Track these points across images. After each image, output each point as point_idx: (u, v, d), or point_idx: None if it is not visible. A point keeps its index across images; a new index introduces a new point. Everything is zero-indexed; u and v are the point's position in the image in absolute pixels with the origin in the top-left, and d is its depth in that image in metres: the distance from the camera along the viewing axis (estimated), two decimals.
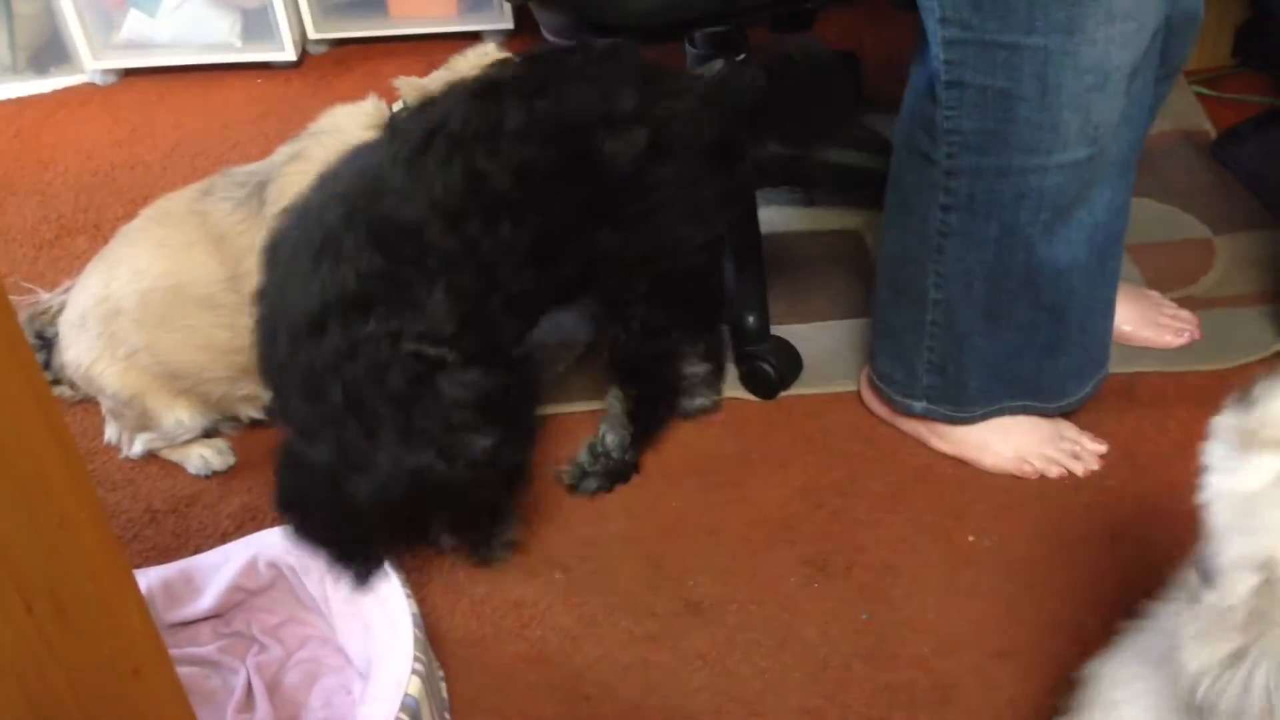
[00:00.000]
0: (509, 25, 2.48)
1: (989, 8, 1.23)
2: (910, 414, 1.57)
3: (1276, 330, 1.66)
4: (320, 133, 1.60)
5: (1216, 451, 0.89)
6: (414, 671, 1.25)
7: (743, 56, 1.77)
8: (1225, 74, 2.16)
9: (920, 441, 1.60)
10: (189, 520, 1.64)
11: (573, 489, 1.59)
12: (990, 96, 1.28)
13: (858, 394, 1.67)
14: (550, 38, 1.71)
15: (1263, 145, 1.94)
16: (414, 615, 1.30)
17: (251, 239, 1.59)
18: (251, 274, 1.60)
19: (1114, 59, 1.23)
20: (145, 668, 0.74)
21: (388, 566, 1.34)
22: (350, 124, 1.56)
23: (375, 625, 1.30)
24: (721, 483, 1.59)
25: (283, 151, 1.63)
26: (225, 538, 1.56)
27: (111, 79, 2.53)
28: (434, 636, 1.41)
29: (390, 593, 1.32)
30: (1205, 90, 2.12)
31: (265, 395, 1.70)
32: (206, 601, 1.42)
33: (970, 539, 1.49)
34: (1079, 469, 1.54)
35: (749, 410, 1.68)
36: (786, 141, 1.56)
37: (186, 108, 2.43)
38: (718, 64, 1.75)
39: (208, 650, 1.42)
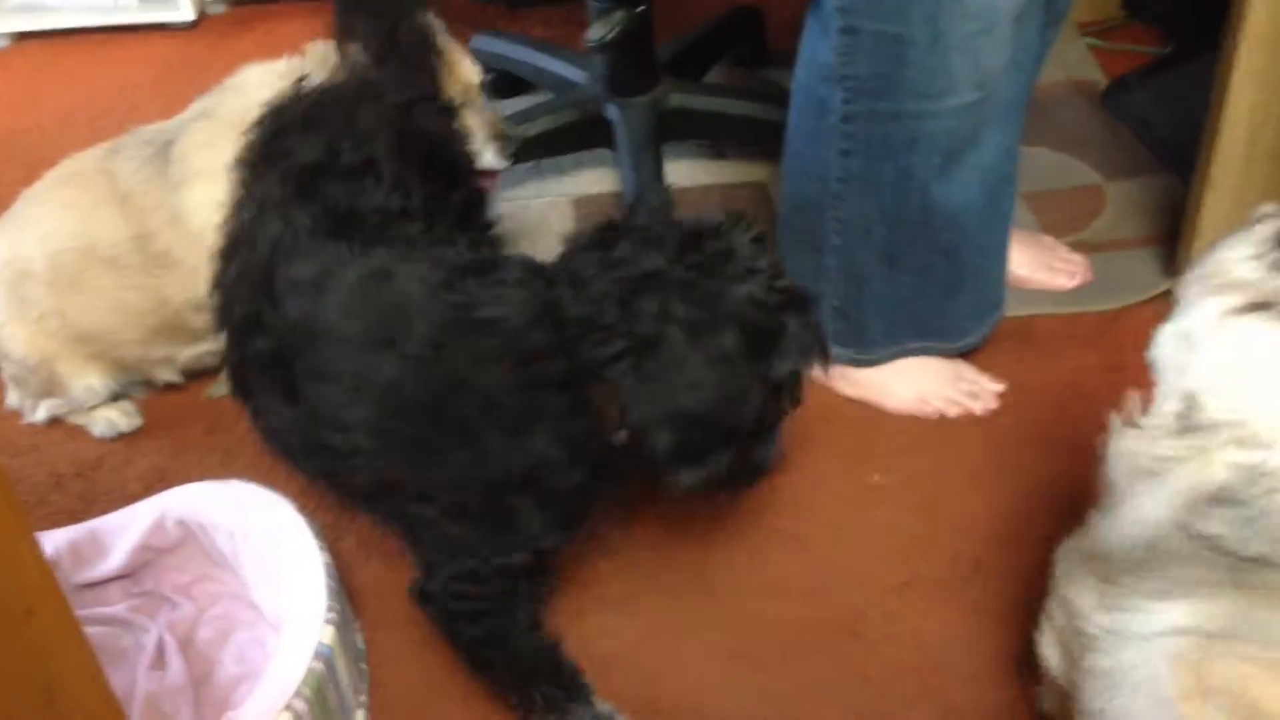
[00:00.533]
0: None
1: None
2: None
3: (1163, 271, 1.72)
4: (228, 89, 1.59)
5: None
6: (328, 620, 1.26)
7: (643, 8, 1.78)
8: (1116, 26, 2.22)
9: (825, 386, 1.64)
10: (95, 484, 1.63)
11: None
12: (883, 42, 1.31)
13: None
14: None
15: (1150, 94, 2.00)
16: (327, 565, 1.31)
17: (157, 197, 1.58)
18: (157, 233, 1.58)
19: (999, 4, 1.26)
20: (39, 607, 0.73)
21: (301, 519, 1.35)
22: (259, 84, 1.55)
23: (288, 577, 1.30)
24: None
25: (193, 109, 1.61)
26: (132, 500, 1.53)
27: (3, 43, 2.46)
28: (349, 588, 1.41)
29: (303, 545, 1.32)
30: (1097, 42, 2.18)
31: (180, 356, 1.69)
32: (114, 562, 1.42)
33: (875, 478, 1.53)
34: (978, 407, 1.59)
35: None
36: None
37: (82, 70, 2.38)
38: (619, 16, 1.77)
39: (117, 610, 1.41)
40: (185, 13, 2.45)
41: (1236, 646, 0.90)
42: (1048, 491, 1.48)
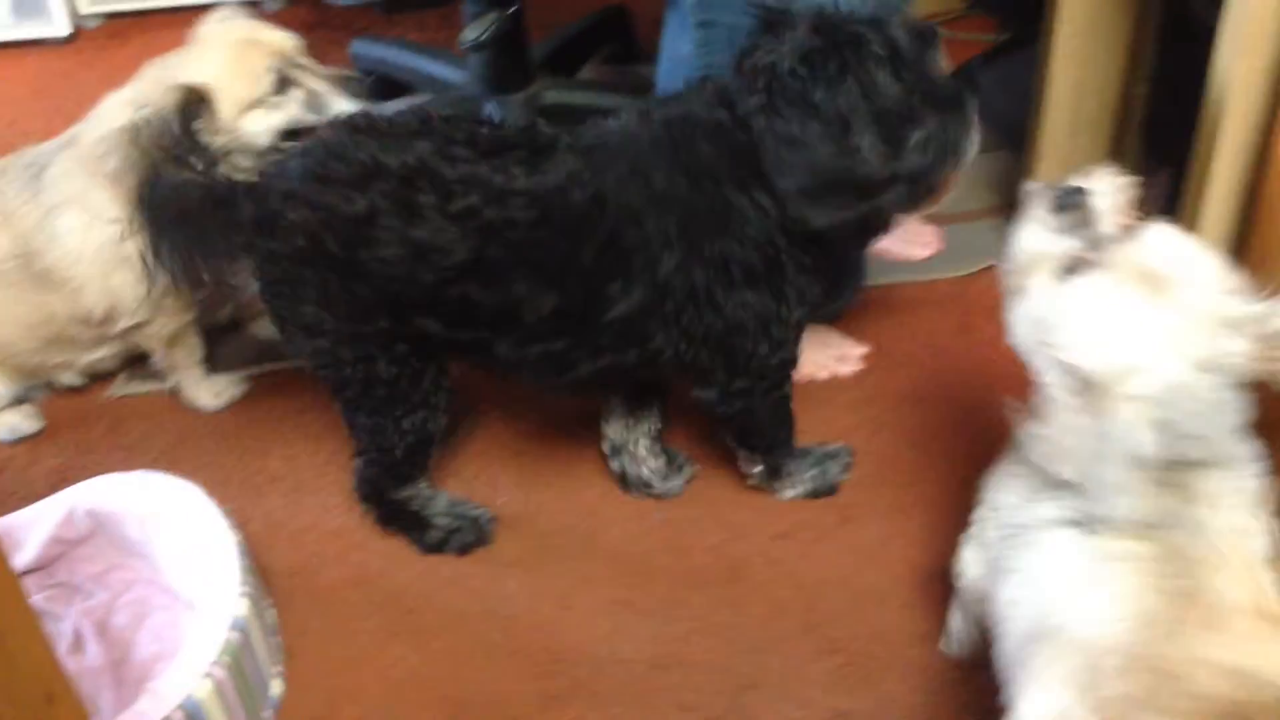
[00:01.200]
0: None
1: None
2: None
3: (1002, 238, 1.85)
4: (91, 118, 1.64)
5: None
6: (242, 594, 1.32)
7: (515, 8, 1.87)
8: (958, 17, 2.38)
9: None
10: (0, 486, 1.66)
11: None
12: (737, 34, 1.41)
13: None
14: (332, 1, 1.79)
15: (991, 79, 2.15)
16: (239, 544, 1.38)
17: (36, 219, 1.63)
18: (39, 254, 1.63)
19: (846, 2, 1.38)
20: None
21: (208, 499, 1.41)
22: (114, 113, 1.60)
23: (201, 555, 1.37)
24: (525, 410, 1.71)
25: (65, 135, 1.66)
26: (39, 500, 1.58)
27: None
28: (258, 566, 1.47)
29: (214, 526, 1.38)
30: (940, 30, 2.32)
31: (79, 361, 1.74)
32: (27, 556, 1.46)
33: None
34: (845, 370, 1.71)
35: None
36: None
37: None
38: (493, 17, 1.86)
39: (33, 601, 1.45)
40: (60, 27, 2.46)
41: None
42: (910, 441, 1.62)
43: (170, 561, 1.42)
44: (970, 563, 1.20)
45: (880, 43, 1.23)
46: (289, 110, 1.59)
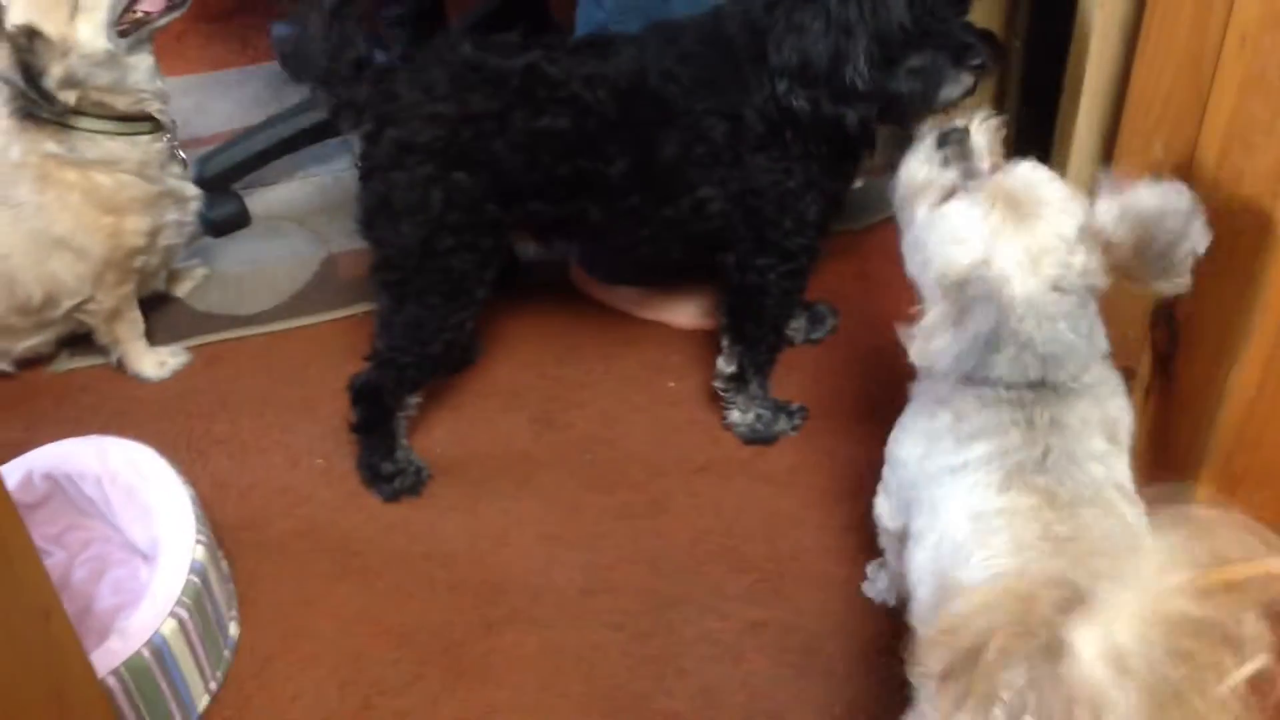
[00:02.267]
0: None
1: None
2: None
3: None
4: None
5: None
6: (199, 541, 1.41)
7: None
8: None
9: (622, 313, 1.85)
10: None
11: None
12: (652, 4, 1.52)
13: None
14: None
15: None
16: (193, 497, 1.46)
17: None
18: None
19: None
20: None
21: (161, 458, 1.49)
22: None
23: (157, 508, 1.45)
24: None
25: None
26: None
27: None
28: (210, 524, 1.56)
29: (167, 479, 1.47)
30: None
31: (14, 349, 1.79)
32: None
33: (671, 384, 1.76)
34: None
35: None
36: None
37: None
38: None
39: None
40: None
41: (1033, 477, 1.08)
42: (814, 379, 1.74)
43: (127, 518, 1.50)
44: (885, 513, 1.29)
45: None
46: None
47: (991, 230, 1.07)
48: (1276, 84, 1.12)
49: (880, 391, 1.68)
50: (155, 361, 1.82)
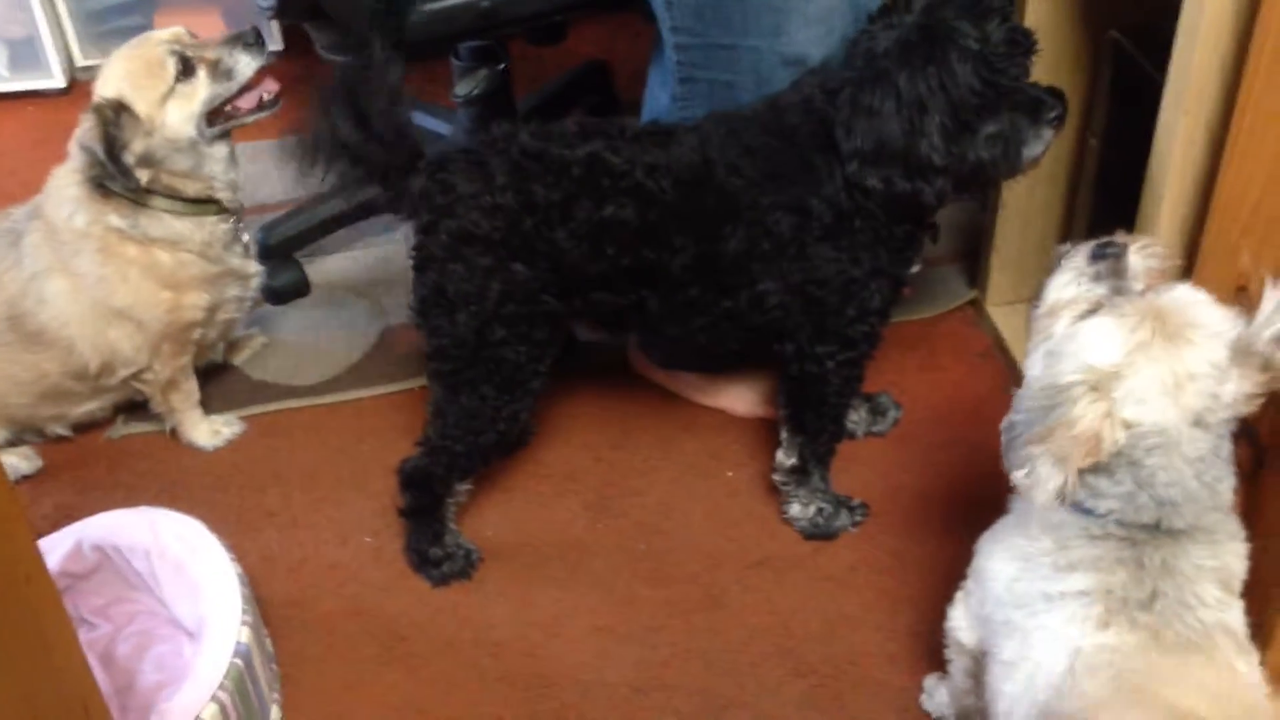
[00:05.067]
0: (277, 46, 2.60)
1: (710, 16, 1.47)
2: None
3: (967, 282, 1.97)
4: (48, 188, 1.71)
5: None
6: (244, 623, 1.39)
7: (503, 66, 1.97)
8: None
9: (683, 398, 1.82)
10: None
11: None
12: (717, 88, 1.52)
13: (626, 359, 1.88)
14: (325, 56, 1.87)
15: None
16: (240, 575, 1.44)
17: (22, 284, 1.69)
18: (27, 316, 1.68)
19: (811, 54, 1.48)
20: (35, 575, 0.87)
21: (211, 534, 1.47)
22: (64, 182, 1.67)
23: (204, 586, 1.43)
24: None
25: (32, 203, 1.73)
26: (41, 537, 1.64)
27: None
28: (256, 599, 1.53)
29: (216, 556, 1.45)
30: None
31: (71, 414, 1.79)
32: None
33: (729, 474, 1.72)
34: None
35: None
36: None
37: None
38: (482, 74, 1.95)
39: None
40: (58, 80, 2.54)
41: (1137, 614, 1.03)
42: (877, 474, 1.70)
43: (174, 594, 1.48)
44: (961, 625, 1.23)
45: (972, 38, 1.33)
46: (200, 89, 1.65)
47: (1137, 345, 1.00)
48: None
49: (946, 490, 1.64)
50: (209, 431, 1.82)
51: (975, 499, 1.17)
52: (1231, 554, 1.07)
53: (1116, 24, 1.64)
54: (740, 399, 1.80)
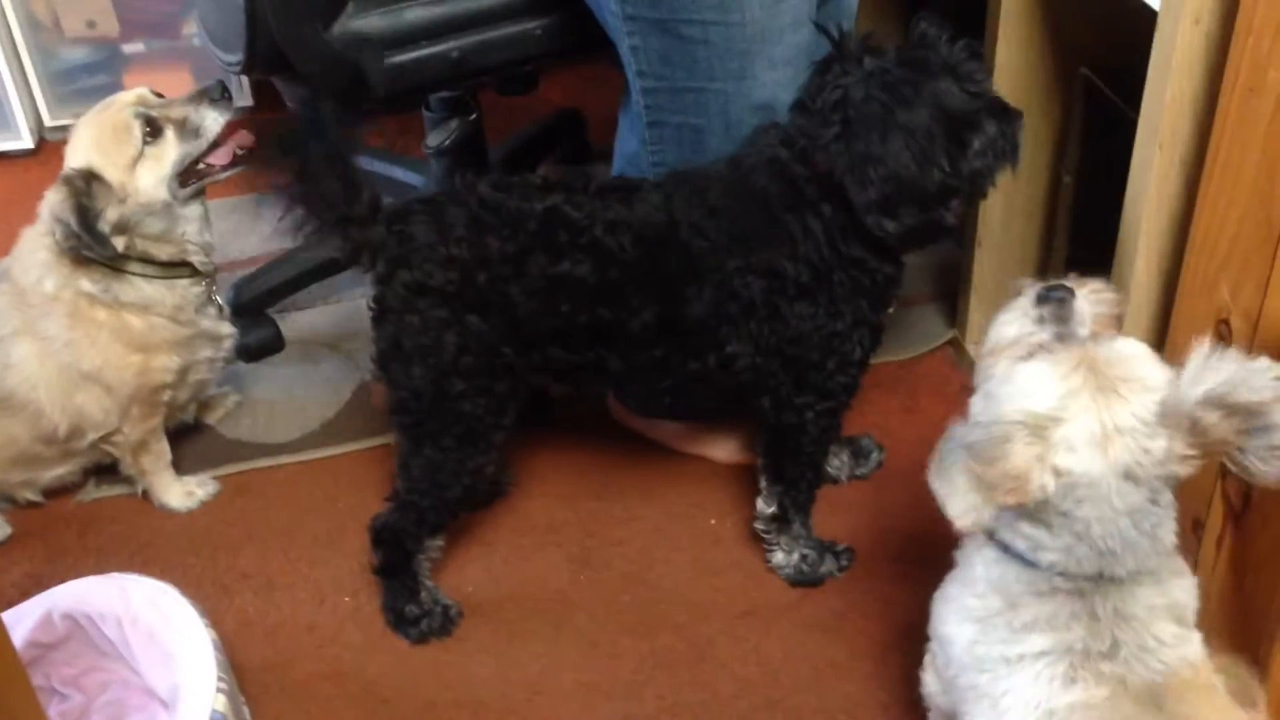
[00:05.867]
0: (247, 102, 2.59)
1: (676, 60, 1.46)
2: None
3: (945, 322, 1.96)
4: (13, 255, 1.68)
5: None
6: (219, 690, 1.35)
7: (474, 116, 1.96)
8: None
9: (665, 447, 1.80)
10: None
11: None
12: (685, 133, 1.51)
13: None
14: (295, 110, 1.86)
15: None
16: (214, 641, 1.40)
17: None
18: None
19: (780, 99, 1.47)
20: None
21: (184, 599, 1.44)
22: (32, 246, 1.65)
23: (178, 653, 1.39)
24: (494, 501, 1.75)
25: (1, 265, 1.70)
26: (11, 606, 1.60)
27: None
28: (233, 666, 1.49)
29: (190, 622, 1.41)
30: None
31: (41, 479, 1.75)
32: None
33: (712, 522, 1.70)
34: None
35: None
36: None
37: None
38: (454, 124, 1.94)
39: None
40: (25, 140, 2.52)
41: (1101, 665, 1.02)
42: (861, 519, 1.68)
43: (150, 658, 1.44)
44: (934, 690, 1.22)
45: (938, 60, 1.34)
46: (170, 150, 1.63)
47: (1068, 393, 0.99)
48: None
49: (933, 533, 1.60)
50: (182, 493, 1.78)
51: (959, 541, 1.16)
52: (1178, 589, 1.06)
53: (1087, 61, 1.64)
54: (721, 446, 1.78)
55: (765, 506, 1.59)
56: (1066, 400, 0.99)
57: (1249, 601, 1.28)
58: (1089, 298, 1.09)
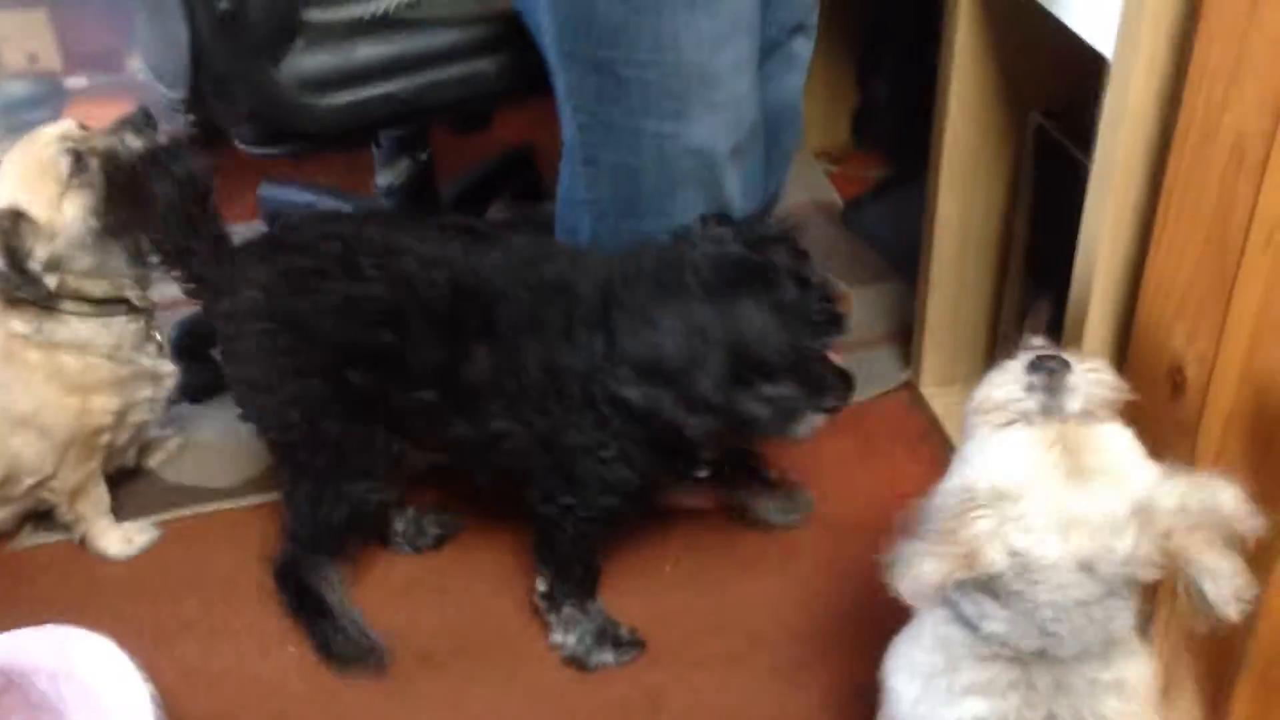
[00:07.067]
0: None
1: (611, 97, 1.45)
2: None
3: (901, 364, 1.96)
4: None
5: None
6: None
7: (425, 156, 1.94)
8: (846, 153, 2.51)
9: None
10: None
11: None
12: (620, 173, 1.49)
13: None
14: (242, 148, 1.82)
15: (880, 211, 2.27)
16: (153, 696, 1.36)
17: None
18: None
19: (719, 147, 1.46)
20: None
21: (122, 653, 1.39)
22: None
23: (113, 713, 1.34)
24: (447, 544, 1.72)
25: None
26: None
27: None
28: (174, 718, 1.44)
29: (129, 676, 1.36)
30: (831, 167, 2.47)
31: None
32: None
33: (667, 568, 1.68)
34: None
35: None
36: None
37: None
38: (404, 163, 1.92)
39: None
40: None
41: None
42: (820, 566, 1.66)
43: (82, 716, 1.39)
44: None
45: (790, 295, 1.30)
46: (96, 182, 1.58)
47: (1037, 471, 0.97)
48: None
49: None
50: (121, 539, 1.73)
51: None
52: (1128, 668, 1.03)
53: (1039, 105, 1.65)
54: (679, 490, 1.75)
55: (539, 583, 1.56)
56: (1035, 477, 0.96)
57: (1209, 647, 1.27)
58: (1085, 376, 1.04)
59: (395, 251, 1.42)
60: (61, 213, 1.56)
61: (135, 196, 1.48)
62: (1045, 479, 0.96)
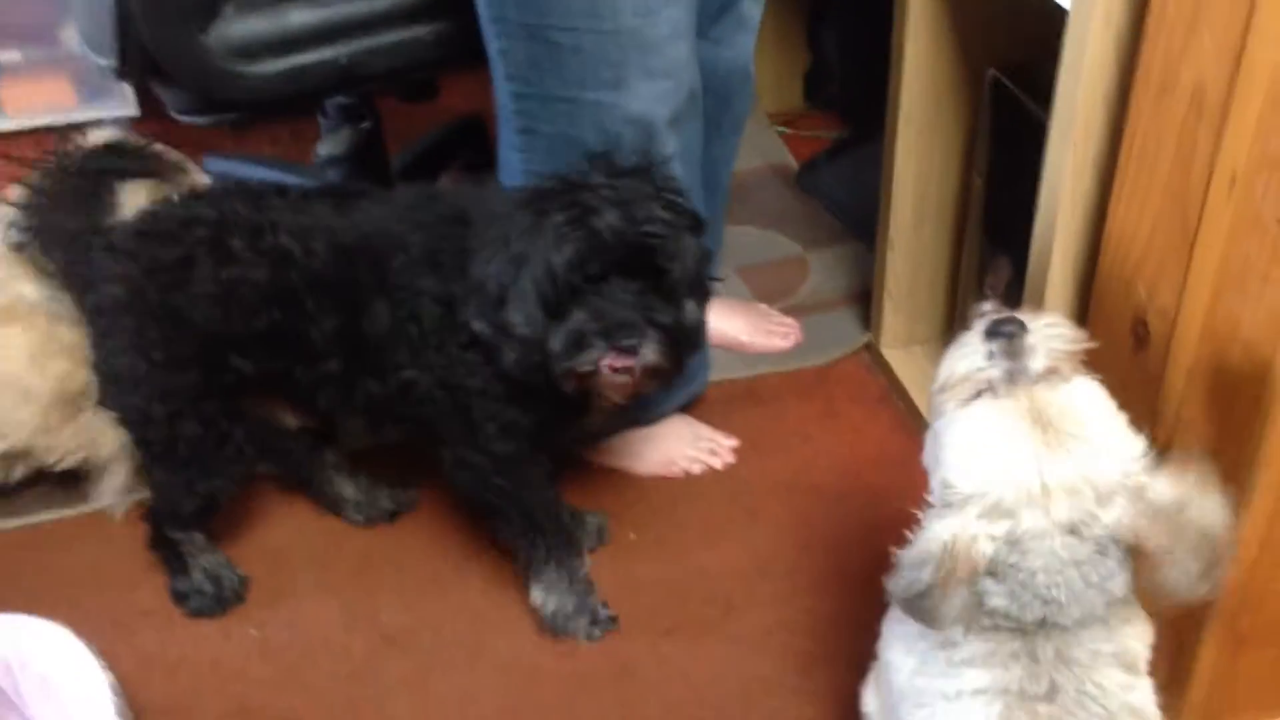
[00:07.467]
0: (133, 111, 2.49)
1: (547, 67, 1.41)
2: None
3: (861, 325, 1.95)
4: None
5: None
6: None
7: (368, 125, 1.89)
8: (800, 115, 2.49)
9: (578, 457, 1.76)
10: None
11: None
12: (558, 143, 1.45)
13: None
14: (178, 117, 1.77)
15: (835, 173, 2.25)
16: (112, 685, 1.33)
17: None
18: None
19: (657, 114, 1.43)
20: None
21: (78, 641, 1.36)
22: None
23: (73, 701, 1.31)
24: (407, 522, 1.70)
25: None
26: None
27: None
28: (134, 706, 1.42)
29: (85, 668, 1.33)
30: (784, 130, 2.44)
31: None
32: None
33: (632, 536, 1.66)
34: (717, 463, 1.74)
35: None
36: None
37: None
38: (345, 132, 1.88)
39: None
40: None
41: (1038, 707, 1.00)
42: (786, 530, 1.65)
43: (43, 707, 1.36)
44: (874, 710, 1.20)
45: (610, 217, 1.25)
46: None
47: (1010, 448, 0.96)
48: (1272, 228, 1.08)
49: (855, 541, 1.60)
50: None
51: (884, 548, 1.12)
52: (1129, 636, 1.03)
53: (996, 62, 1.63)
54: (641, 459, 1.74)
55: (518, 557, 1.53)
56: (1009, 455, 0.96)
57: None
58: (1043, 332, 1.02)
59: (265, 229, 1.37)
60: None
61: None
62: (1020, 453, 0.95)
